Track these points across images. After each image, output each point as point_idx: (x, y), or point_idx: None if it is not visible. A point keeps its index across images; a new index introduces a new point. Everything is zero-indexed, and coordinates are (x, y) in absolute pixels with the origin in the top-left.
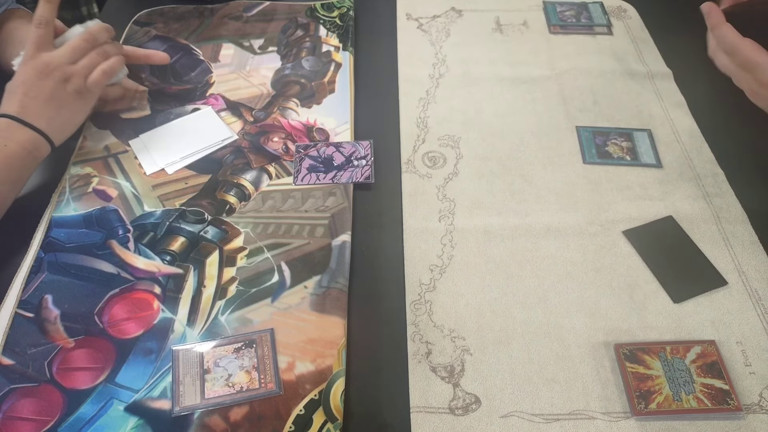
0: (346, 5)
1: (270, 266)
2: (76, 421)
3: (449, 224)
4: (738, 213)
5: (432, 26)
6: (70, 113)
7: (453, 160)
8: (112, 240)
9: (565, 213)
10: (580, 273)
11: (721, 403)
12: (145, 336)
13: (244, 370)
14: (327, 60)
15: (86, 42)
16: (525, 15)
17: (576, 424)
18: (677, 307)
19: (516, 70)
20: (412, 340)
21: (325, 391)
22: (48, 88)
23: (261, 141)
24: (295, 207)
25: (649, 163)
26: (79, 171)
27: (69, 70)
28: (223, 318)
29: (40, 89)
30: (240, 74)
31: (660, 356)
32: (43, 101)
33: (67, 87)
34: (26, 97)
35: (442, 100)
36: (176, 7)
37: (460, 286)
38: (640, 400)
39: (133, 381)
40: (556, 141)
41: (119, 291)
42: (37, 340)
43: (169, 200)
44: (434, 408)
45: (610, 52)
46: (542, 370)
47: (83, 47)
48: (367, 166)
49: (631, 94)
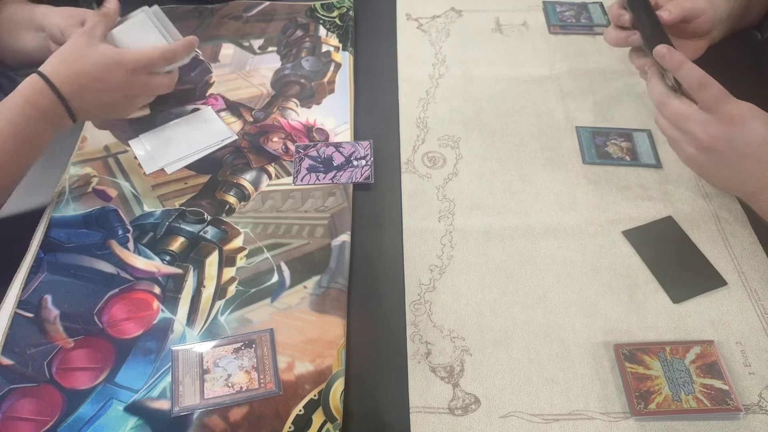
0: (345, 5)
1: (270, 266)
2: (76, 421)
3: (449, 224)
4: (738, 213)
5: (432, 26)
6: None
7: (453, 160)
8: (112, 240)
9: (564, 213)
10: (579, 273)
11: (720, 404)
12: (144, 336)
13: (243, 370)
14: (327, 60)
15: (165, 61)
16: (525, 15)
17: (575, 424)
18: (677, 308)
19: (516, 70)
20: (412, 341)
21: (324, 391)
22: (112, 84)
23: (261, 141)
24: (295, 207)
25: (648, 164)
26: (78, 171)
27: (142, 86)
28: (222, 318)
29: (104, 83)
30: (240, 74)
31: (659, 356)
32: (96, 95)
33: (130, 98)
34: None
35: (441, 100)
36: (176, 7)
37: (460, 287)
38: (640, 401)
39: (132, 381)
40: (556, 141)
41: (119, 291)
42: (36, 340)
43: (168, 200)
44: (434, 408)
45: (610, 52)
46: (542, 370)
47: (160, 65)
48: (367, 167)
49: (631, 94)
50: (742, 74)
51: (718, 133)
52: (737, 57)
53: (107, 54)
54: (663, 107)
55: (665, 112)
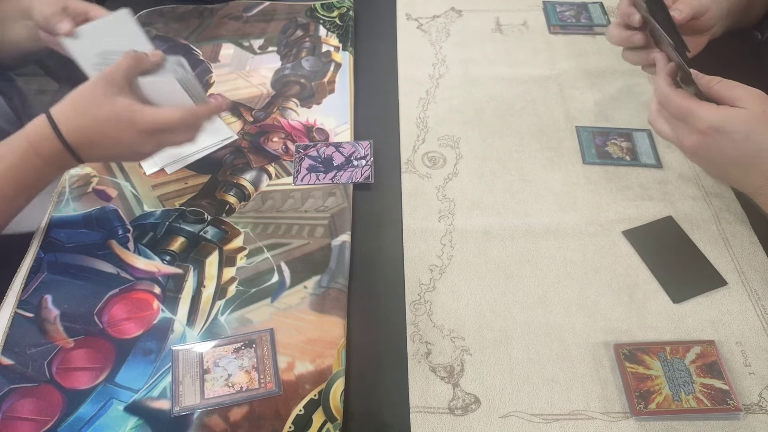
0: (345, 5)
1: (270, 266)
2: (76, 421)
3: (449, 224)
4: (738, 213)
5: (432, 26)
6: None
7: (453, 160)
8: (112, 240)
9: (564, 213)
10: (579, 273)
11: (720, 404)
12: (144, 336)
13: (243, 370)
14: (327, 60)
15: (185, 126)
16: (525, 15)
17: (575, 424)
18: (677, 308)
19: (516, 70)
20: (412, 341)
21: (324, 391)
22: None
23: (261, 141)
24: (295, 207)
25: (648, 164)
26: (78, 171)
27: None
28: (222, 318)
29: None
30: (240, 74)
31: (659, 356)
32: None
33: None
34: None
35: (441, 100)
36: (176, 7)
37: (460, 287)
38: (640, 400)
39: (132, 381)
40: (556, 141)
41: (119, 291)
42: (36, 340)
43: (168, 200)
44: (434, 408)
45: (610, 52)
46: (542, 370)
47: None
48: (367, 166)
49: (631, 94)
50: (742, 74)
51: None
52: (737, 57)
53: (121, 111)
54: (667, 100)
55: (669, 105)
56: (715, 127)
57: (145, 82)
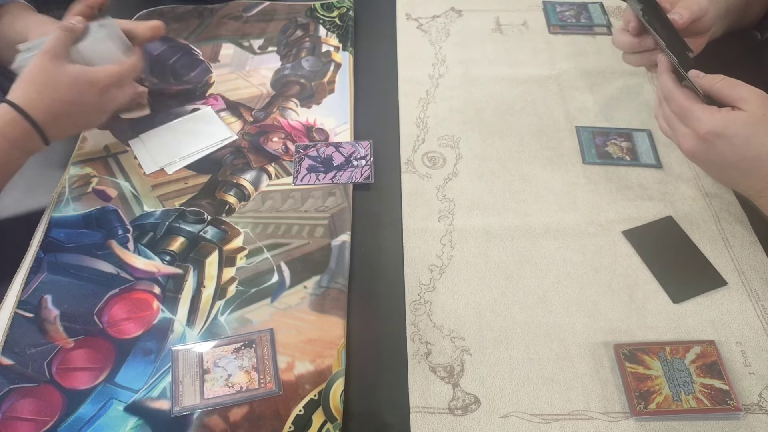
0: (345, 5)
1: (269, 266)
2: (76, 421)
3: (449, 224)
4: (738, 213)
5: (432, 26)
6: (80, 129)
7: (452, 160)
8: (112, 240)
9: (564, 213)
10: (579, 273)
11: (720, 404)
12: (144, 336)
13: (243, 370)
14: (327, 60)
15: (135, 72)
16: (525, 15)
17: (575, 424)
18: (677, 308)
19: (516, 70)
20: (412, 341)
21: (324, 392)
22: (86, 105)
23: (261, 141)
24: (295, 207)
25: (648, 164)
26: (78, 171)
27: (113, 100)
28: (222, 318)
29: (78, 105)
30: (240, 74)
31: (659, 356)
32: (71, 118)
33: (101, 114)
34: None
35: (441, 100)
36: (176, 7)
37: (460, 287)
38: (640, 401)
39: (132, 381)
40: (556, 141)
41: (119, 291)
42: (36, 340)
43: (168, 200)
44: (434, 408)
45: (610, 52)
46: (542, 370)
47: (130, 77)
48: (367, 166)
49: (630, 94)
50: (742, 74)
51: (723, 123)
52: (737, 57)
53: (78, 76)
54: (671, 97)
55: (671, 102)
56: (715, 133)
57: (80, 47)
